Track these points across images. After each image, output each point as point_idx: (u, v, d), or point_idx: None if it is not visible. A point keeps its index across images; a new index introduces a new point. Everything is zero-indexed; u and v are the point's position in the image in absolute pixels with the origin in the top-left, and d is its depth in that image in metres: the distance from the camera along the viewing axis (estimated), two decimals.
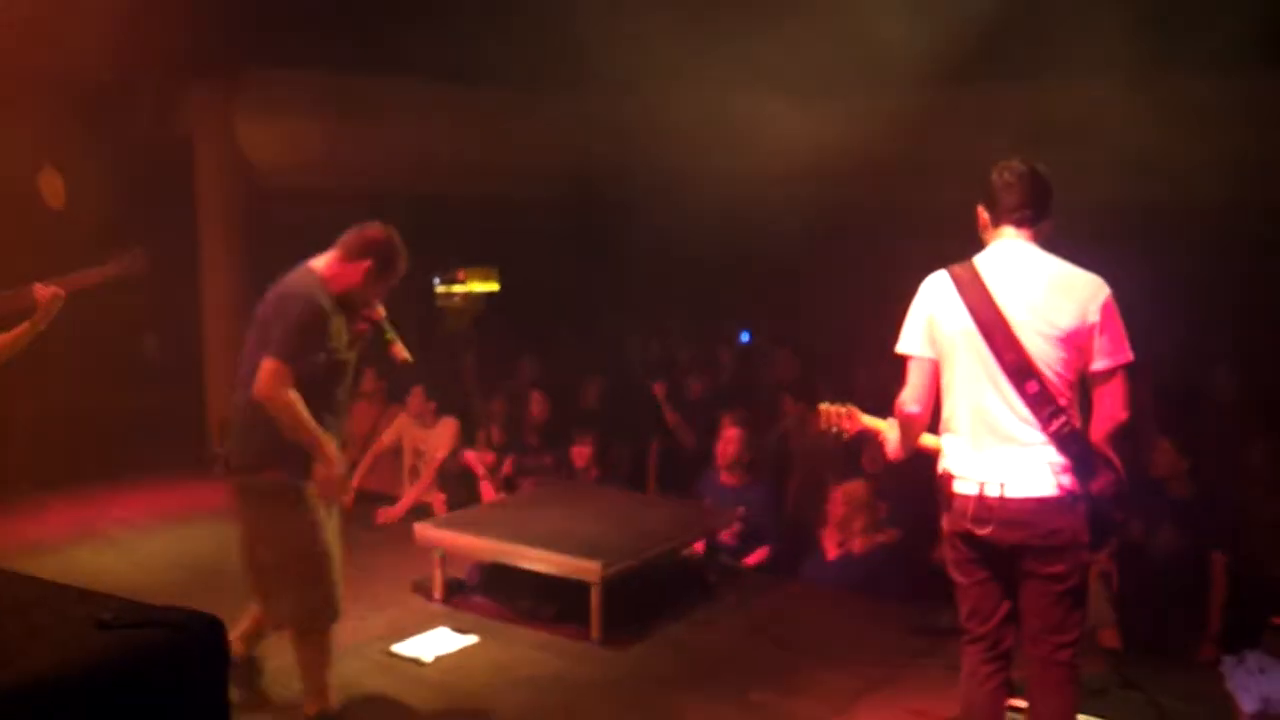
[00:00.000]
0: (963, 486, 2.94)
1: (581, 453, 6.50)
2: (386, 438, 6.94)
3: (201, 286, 8.24)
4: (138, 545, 6.08)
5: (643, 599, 4.73)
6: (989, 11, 6.14)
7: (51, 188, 7.75)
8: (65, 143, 7.23)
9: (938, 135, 7.80)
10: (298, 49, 7.49)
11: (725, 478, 5.86)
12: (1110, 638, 4.58)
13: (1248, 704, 3.59)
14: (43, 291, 4.06)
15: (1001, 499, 2.86)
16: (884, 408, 3.35)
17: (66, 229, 7.02)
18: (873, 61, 6.75)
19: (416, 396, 6.81)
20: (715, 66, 7.22)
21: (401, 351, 3.86)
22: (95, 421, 7.61)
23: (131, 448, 7.52)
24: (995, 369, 2.87)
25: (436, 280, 13.55)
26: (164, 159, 7.95)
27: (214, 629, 0.84)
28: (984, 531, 2.89)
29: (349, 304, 3.65)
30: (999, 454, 2.88)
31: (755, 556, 5.68)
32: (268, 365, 3.37)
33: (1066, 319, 2.84)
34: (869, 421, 3.49)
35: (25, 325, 4.11)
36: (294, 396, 3.39)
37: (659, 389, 7.24)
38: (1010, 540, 2.87)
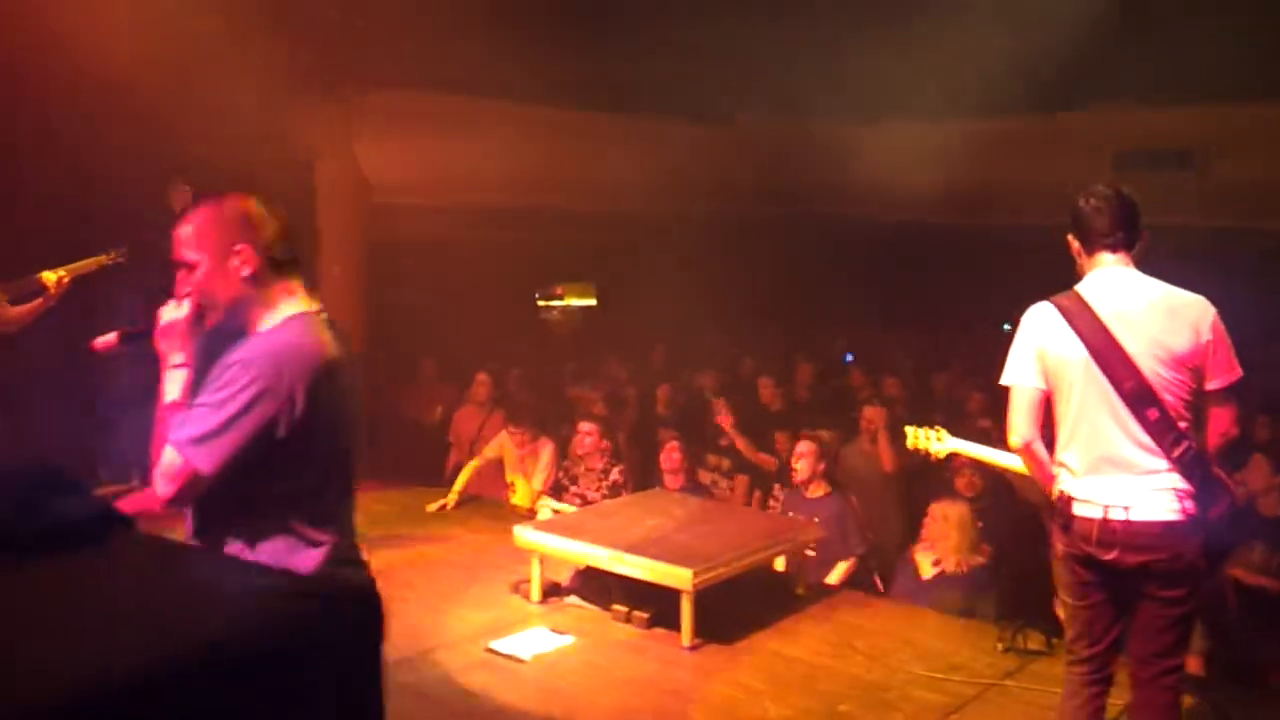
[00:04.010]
0: (1084, 510, 2.93)
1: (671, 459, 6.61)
2: (488, 452, 7.12)
3: (319, 295, 8.61)
4: None
5: (733, 608, 4.82)
6: (1074, 38, 6.11)
7: (180, 198, 8.20)
8: (194, 160, 7.64)
9: (1021, 159, 7.75)
10: (416, 70, 7.81)
11: (806, 493, 5.97)
12: (1194, 664, 4.50)
13: None
14: (49, 277, 4.65)
15: (1126, 523, 2.86)
16: (959, 422, 3.38)
17: None
18: (964, 85, 6.76)
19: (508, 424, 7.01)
20: (819, 90, 7.30)
21: None
22: None
23: None
24: (1114, 398, 2.87)
25: (537, 295, 13.85)
26: (287, 176, 8.34)
27: (373, 605, 0.88)
28: (1108, 555, 2.88)
29: None
30: (1121, 480, 2.89)
31: (836, 572, 5.73)
32: None
33: (1181, 342, 2.84)
34: (958, 444, 3.51)
35: (39, 301, 4.78)
36: None
37: (724, 419, 7.24)
38: (1134, 563, 2.87)
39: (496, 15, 7.30)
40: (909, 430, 3.67)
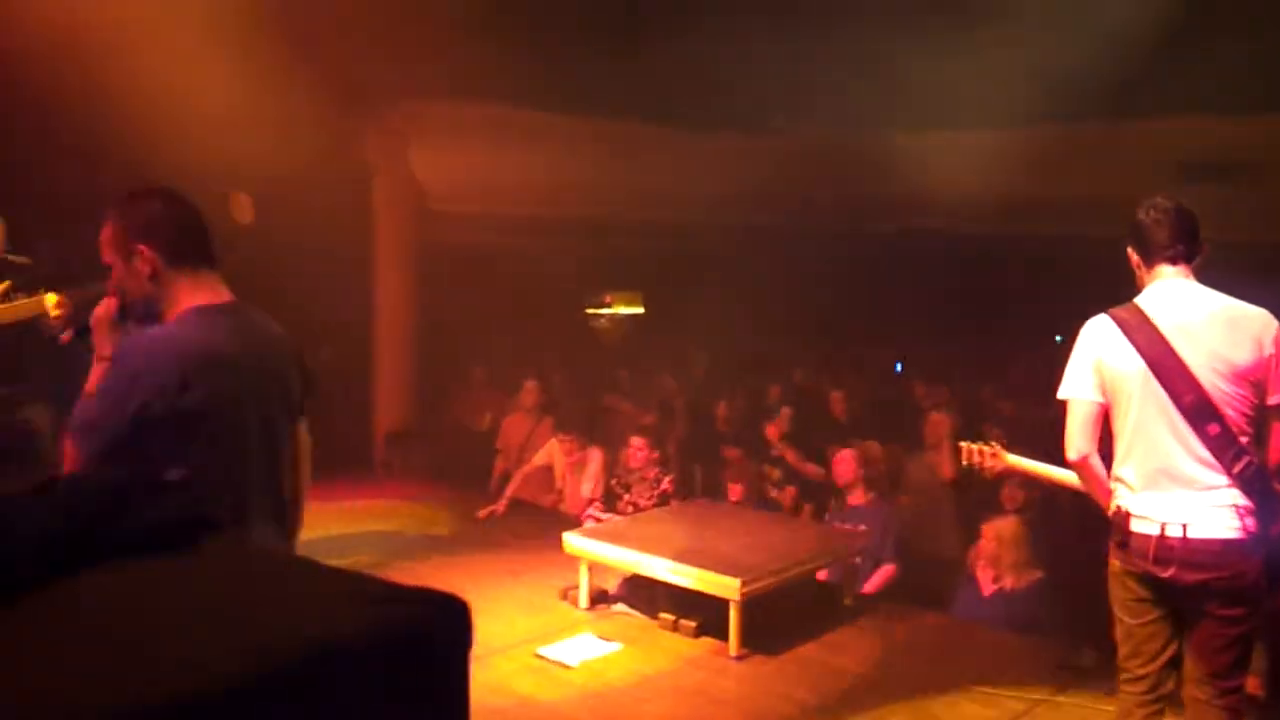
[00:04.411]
0: (1141, 526, 2.90)
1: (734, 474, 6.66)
2: (538, 459, 7.18)
3: (375, 303, 8.76)
4: (309, 542, 6.49)
5: (781, 618, 4.82)
6: (1135, 47, 6.03)
7: (240, 207, 8.39)
8: (256, 167, 7.81)
9: (1082, 170, 7.66)
10: (470, 81, 7.91)
11: (850, 499, 6.00)
12: (1254, 684, 4.41)
13: None
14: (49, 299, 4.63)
15: (1184, 540, 2.81)
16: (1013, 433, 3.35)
17: (254, 243, 7.60)
18: (1035, 93, 6.70)
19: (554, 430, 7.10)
20: (871, 99, 7.28)
21: None
22: None
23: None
24: (1173, 412, 2.84)
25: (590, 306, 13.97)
26: (345, 186, 8.50)
27: (463, 610, 0.87)
28: (1166, 573, 2.84)
29: None
30: (1179, 496, 2.85)
31: (877, 580, 5.72)
32: None
33: (1243, 355, 2.81)
34: (1015, 462, 3.48)
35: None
36: None
37: (772, 431, 7.23)
38: (1191, 581, 2.83)
39: (548, 27, 7.38)
40: (963, 446, 3.62)
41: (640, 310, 14.42)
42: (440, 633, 0.82)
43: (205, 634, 0.74)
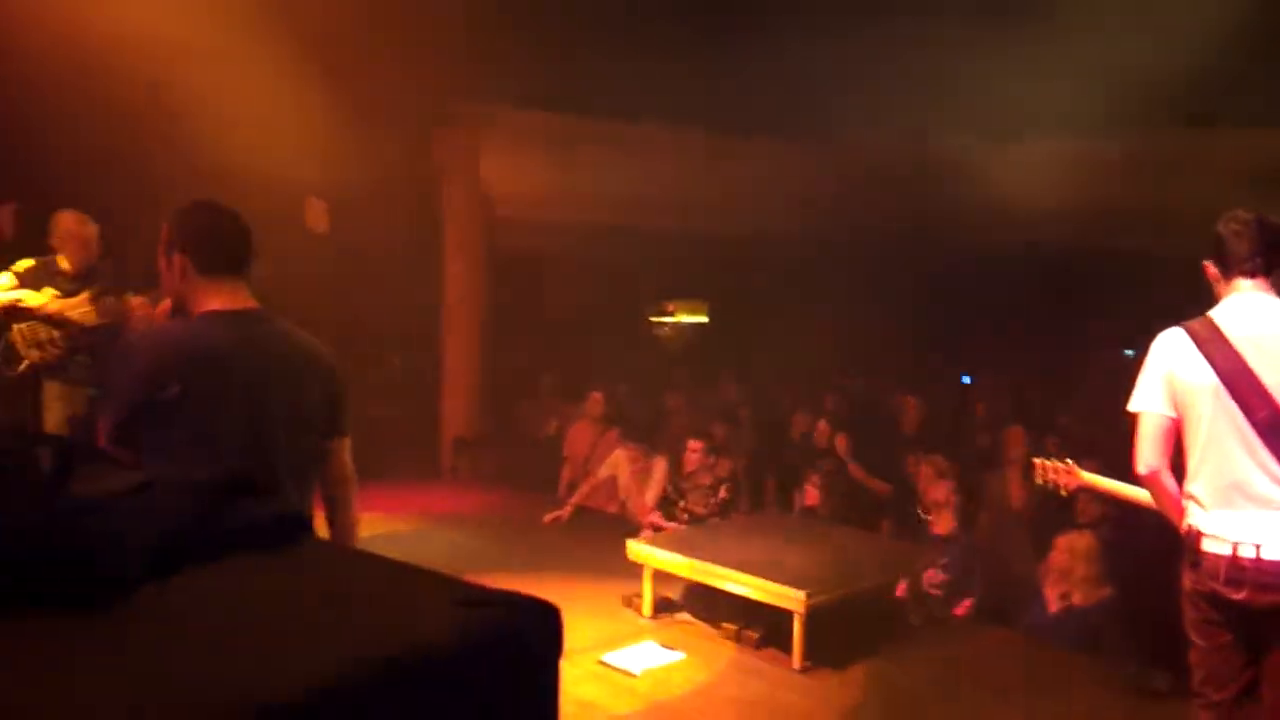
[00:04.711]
0: (1212, 546, 2.82)
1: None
2: (603, 471, 7.23)
3: (444, 310, 8.89)
4: (377, 545, 6.61)
5: (846, 632, 4.79)
6: (1227, 56, 5.89)
7: (315, 214, 8.59)
8: (332, 175, 7.99)
9: (1155, 180, 7.50)
10: (541, 90, 8.01)
11: (936, 526, 5.86)
12: None
13: None
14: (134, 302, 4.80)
15: (1257, 561, 2.74)
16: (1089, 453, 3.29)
17: (328, 250, 7.78)
18: (1110, 103, 6.59)
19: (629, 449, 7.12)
20: (955, 107, 7.20)
21: None
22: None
23: (373, 455, 8.17)
24: (1246, 427, 2.77)
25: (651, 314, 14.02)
26: (417, 192, 8.66)
27: (553, 614, 0.89)
28: (1238, 595, 2.77)
29: None
30: (1252, 514, 2.78)
31: (962, 608, 5.62)
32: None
33: None
34: (1090, 478, 3.42)
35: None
36: None
37: (840, 444, 7.16)
38: (1265, 604, 2.75)
39: (617, 36, 7.45)
40: (1036, 463, 3.57)
41: (704, 319, 14.43)
42: (533, 638, 0.86)
43: (301, 636, 0.77)
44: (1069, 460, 3.42)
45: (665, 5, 7.57)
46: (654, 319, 14.37)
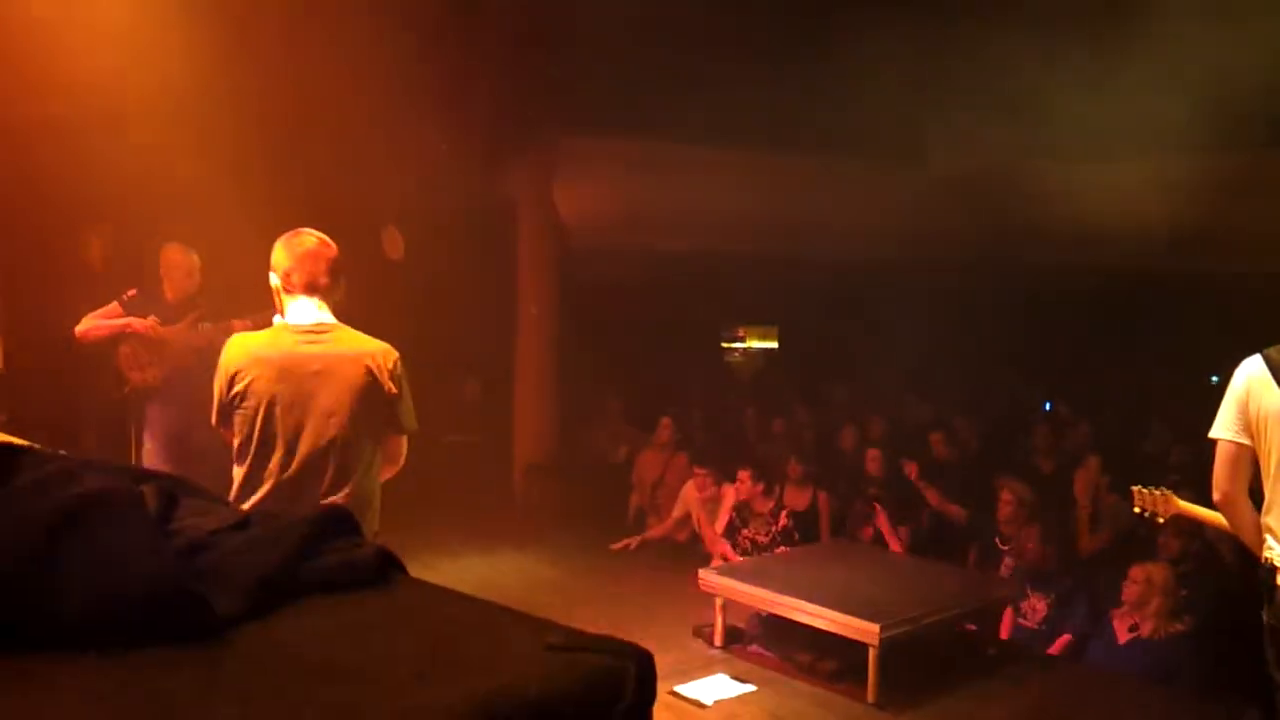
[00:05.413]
0: None
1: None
2: (676, 511, 7.24)
3: (517, 336, 8.99)
4: (450, 570, 6.69)
5: (921, 665, 4.71)
6: None
7: (392, 242, 8.77)
8: (409, 204, 8.16)
9: (1235, 202, 7.30)
10: (614, 114, 8.08)
11: (1012, 554, 5.74)
12: None
13: None
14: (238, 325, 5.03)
15: None
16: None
17: (404, 277, 7.93)
18: (1177, 122, 6.46)
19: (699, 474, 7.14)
20: (1025, 129, 7.11)
21: None
22: (422, 456, 8.47)
23: (448, 481, 8.25)
24: None
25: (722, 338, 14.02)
26: (491, 219, 8.79)
27: (646, 659, 0.86)
28: None
29: None
30: None
31: (1056, 645, 5.46)
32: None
33: None
34: (1186, 506, 3.36)
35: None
36: None
37: (911, 469, 7.04)
38: None
39: (688, 59, 7.50)
40: (1136, 491, 3.53)
41: (775, 344, 14.37)
42: (625, 684, 0.82)
43: (395, 678, 0.79)
44: (1165, 489, 3.37)
45: (741, 28, 7.62)
46: (725, 344, 14.36)
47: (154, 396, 5.21)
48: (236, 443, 3.05)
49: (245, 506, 2.91)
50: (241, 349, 3.04)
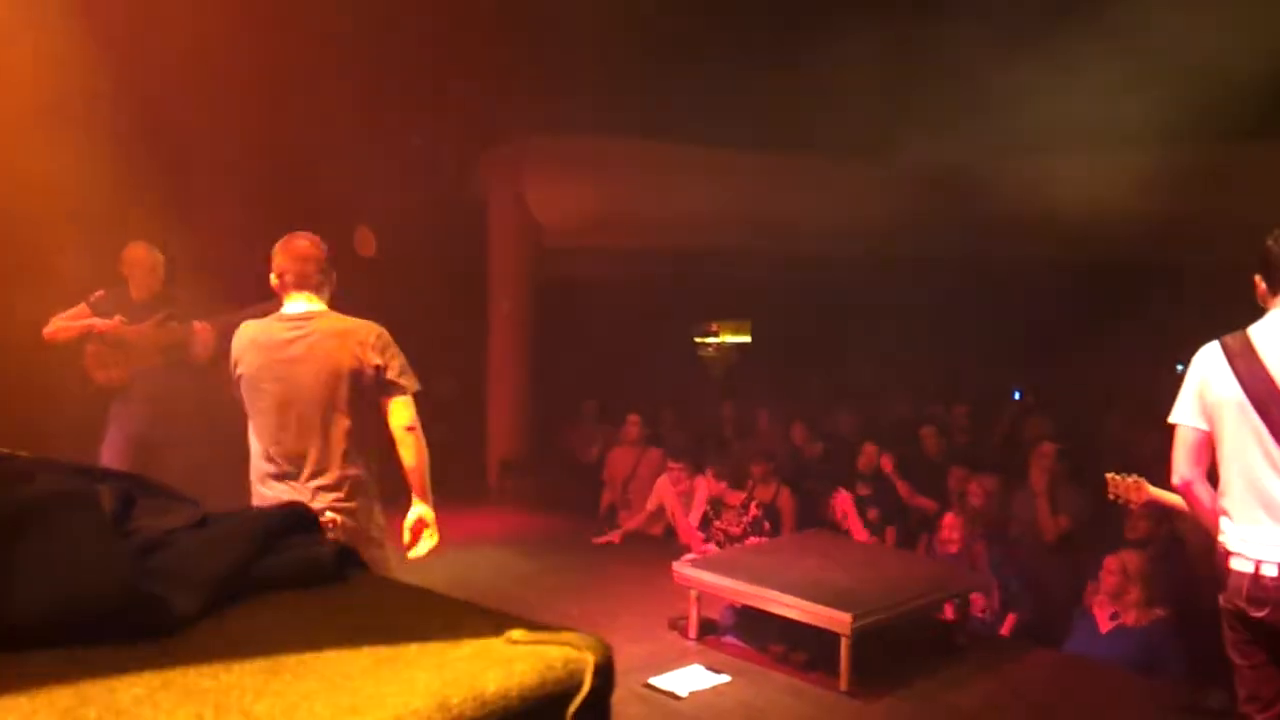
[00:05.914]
0: (1238, 564, 2.85)
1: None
2: (650, 503, 7.26)
3: (489, 334, 8.98)
4: (423, 568, 6.66)
5: (893, 654, 4.76)
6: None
7: (364, 241, 8.74)
8: (381, 202, 8.12)
9: (1212, 193, 7.38)
10: (585, 114, 8.08)
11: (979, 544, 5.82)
12: None
13: None
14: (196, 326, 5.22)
15: (1278, 580, 2.74)
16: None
17: (376, 274, 7.89)
18: (1156, 115, 6.52)
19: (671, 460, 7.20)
20: (1001, 115, 7.15)
21: None
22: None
23: None
24: (1270, 443, 2.78)
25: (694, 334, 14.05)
26: (461, 218, 8.77)
27: (604, 650, 0.87)
28: (1259, 613, 2.78)
29: None
30: (1275, 532, 2.77)
31: (1006, 626, 5.57)
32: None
33: None
34: (1157, 493, 3.41)
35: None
36: None
37: (886, 463, 7.11)
38: None
39: (660, 59, 7.50)
40: (1110, 478, 3.59)
41: (748, 339, 14.41)
42: (583, 675, 0.84)
43: (351, 675, 0.79)
44: (1139, 476, 3.43)
45: (711, 25, 7.62)
46: (698, 339, 14.39)
47: (119, 395, 5.28)
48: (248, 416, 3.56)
49: (254, 477, 3.57)
50: (242, 336, 3.56)
